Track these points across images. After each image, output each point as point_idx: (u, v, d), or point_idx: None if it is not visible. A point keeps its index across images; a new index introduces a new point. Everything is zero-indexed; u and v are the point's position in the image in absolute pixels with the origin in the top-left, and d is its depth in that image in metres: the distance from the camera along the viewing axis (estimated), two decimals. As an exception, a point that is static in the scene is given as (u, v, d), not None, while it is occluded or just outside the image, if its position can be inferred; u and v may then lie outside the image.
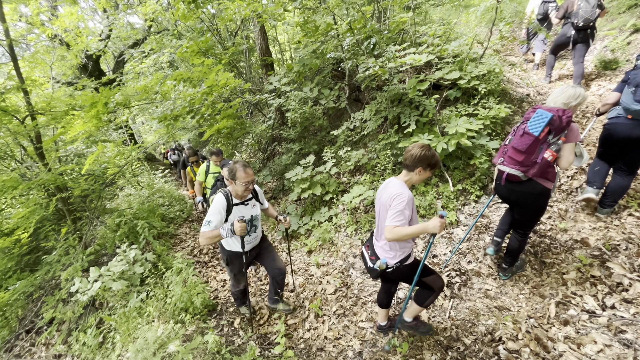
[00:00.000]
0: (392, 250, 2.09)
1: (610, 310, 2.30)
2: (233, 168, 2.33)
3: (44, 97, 4.85)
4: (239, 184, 2.34)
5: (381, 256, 2.12)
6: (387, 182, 2.10)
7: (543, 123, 2.16)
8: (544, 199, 2.41)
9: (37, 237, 4.86)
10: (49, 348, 3.48)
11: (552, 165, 2.28)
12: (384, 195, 2.04)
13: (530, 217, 2.53)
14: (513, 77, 5.19)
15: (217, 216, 2.31)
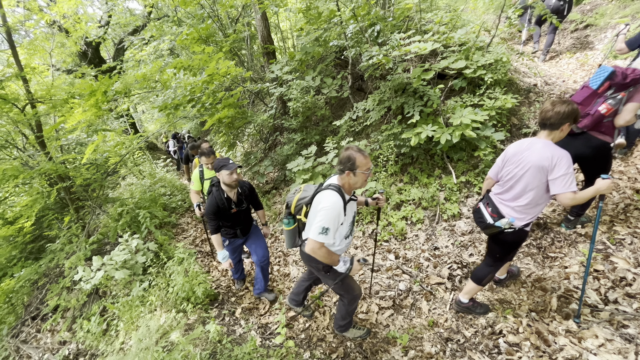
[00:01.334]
0: (523, 213, 2.03)
1: (613, 304, 2.28)
2: (349, 156, 1.85)
3: (44, 85, 4.80)
4: (359, 174, 1.87)
5: (508, 216, 2.06)
6: (530, 142, 2.00)
7: (603, 77, 2.25)
8: (602, 153, 2.45)
9: (41, 226, 4.90)
10: (54, 334, 3.54)
11: (608, 118, 2.33)
12: (532, 157, 1.92)
13: (594, 170, 2.53)
14: (520, 66, 5.06)
15: (335, 222, 1.85)
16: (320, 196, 1.93)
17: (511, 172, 2.06)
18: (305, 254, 2.18)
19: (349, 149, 1.89)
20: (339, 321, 2.55)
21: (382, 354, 2.45)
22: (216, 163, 2.62)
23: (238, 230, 2.92)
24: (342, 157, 1.90)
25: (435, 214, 3.75)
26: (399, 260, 3.43)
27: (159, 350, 2.26)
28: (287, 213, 2.22)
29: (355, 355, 2.49)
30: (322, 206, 1.85)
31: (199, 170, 3.68)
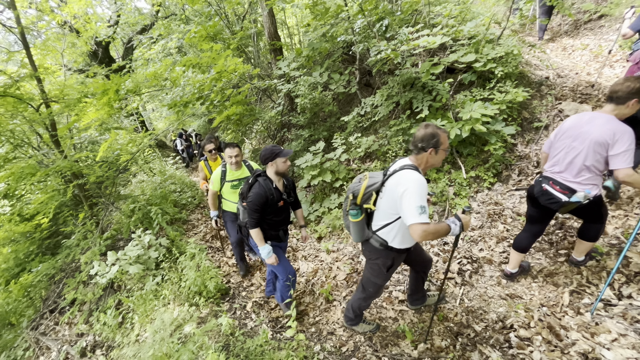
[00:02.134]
0: (591, 184, 2.06)
1: (627, 299, 2.26)
2: (434, 133, 1.78)
3: (57, 85, 4.90)
4: (441, 152, 1.83)
5: (580, 189, 2.07)
6: (591, 116, 2.01)
7: None
8: None
9: (57, 222, 5.04)
10: (71, 327, 3.65)
11: None
12: (593, 132, 1.94)
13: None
14: (532, 59, 4.97)
15: (425, 200, 1.72)
16: (400, 178, 1.79)
17: (568, 145, 2.08)
18: (370, 246, 2.09)
19: (430, 126, 1.82)
20: (350, 315, 2.57)
21: (391, 348, 2.47)
22: (267, 152, 2.35)
23: (281, 231, 2.62)
24: (423, 135, 1.80)
25: (444, 209, 3.73)
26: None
27: (173, 342, 2.32)
28: (353, 203, 2.04)
29: (365, 348, 2.52)
30: (409, 186, 1.71)
31: (221, 170, 3.17)
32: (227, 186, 3.21)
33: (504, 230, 3.24)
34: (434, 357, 2.31)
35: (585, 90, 4.30)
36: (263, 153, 2.37)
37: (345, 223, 2.22)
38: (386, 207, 1.93)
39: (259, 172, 2.48)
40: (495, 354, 2.20)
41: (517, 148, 3.88)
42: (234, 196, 3.26)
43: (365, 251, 2.20)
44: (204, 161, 3.99)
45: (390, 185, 1.85)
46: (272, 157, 2.35)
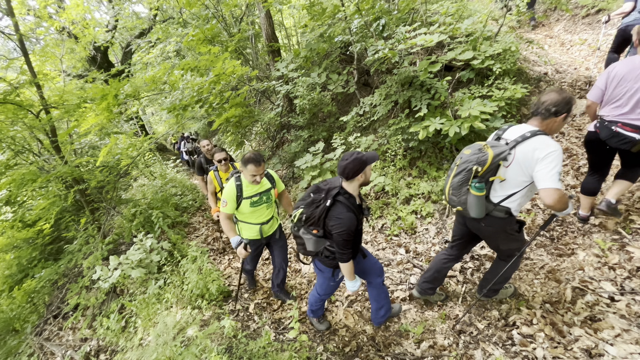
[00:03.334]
0: None
1: (630, 294, 2.25)
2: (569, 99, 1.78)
3: (56, 91, 4.93)
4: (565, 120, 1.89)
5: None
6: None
7: None
8: None
9: (58, 228, 5.06)
10: (75, 332, 3.66)
11: None
12: None
13: None
14: (530, 55, 4.96)
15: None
16: (537, 143, 1.74)
17: (631, 88, 2.23)
18: (491, 219, 1.97)
19: (564, 91, 1.79)
20: (497, 287, 2.40)
21: (394, 347, 2.47)
22: (352, 162, 1.85)
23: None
24: (559, 100, 1.75)
25: (445, 207, 3.73)
26: (409, 254, 3.43)
27: (177, 345, 2.32)
28: (477, 176, 1.89)
29: (368, 348, 2.52)
30: (551, 151, 1.68)
31: (236, 185, 2.47)
32: (245, 205, 2.51)
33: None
34: (437, 355, 2.31)
35: (584, 85, 4.29)
36: (349, 165, 1.85)
37: (457, 200, 2.02)
38: (516, 175, 1.86)
39: (332, 188, 1.96)
40: (498, 351, 2.19)
41: (517, 145, 3.87)
42: (256, 216, 2.62)
43: (482, 227, 2.07)
44: (214, 171, 3.59)
45: (524, 152, 1.79)
46: (361, 168, 1.87)
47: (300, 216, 2.04)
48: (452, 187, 2.02)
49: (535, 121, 1.86)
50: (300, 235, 2.09)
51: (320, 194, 1.98)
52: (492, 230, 2.07)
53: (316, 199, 1.98)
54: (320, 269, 2.26)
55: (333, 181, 2.06)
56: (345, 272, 2.06)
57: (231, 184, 2.51)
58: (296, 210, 2.10)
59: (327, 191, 1.96)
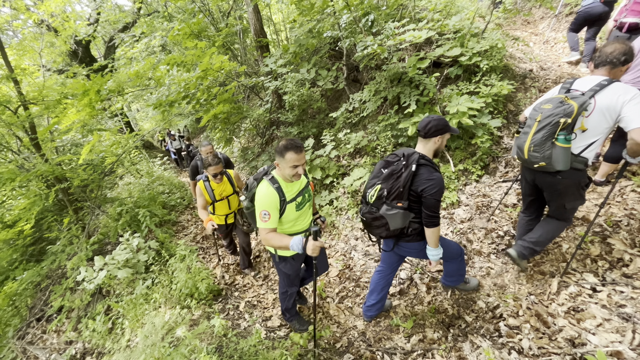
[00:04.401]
0: None
1: (611, 285, 2.33)
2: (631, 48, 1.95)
3: (35, 86, 4.74)
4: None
5: None
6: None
7: None
8: None
9: (40, 228, 4.89)
10: (60, 335, 3.57)
11: None
12: None
13: None
14: (516, 52, 5.04)
15: None
16: (618, 89, 1.84)
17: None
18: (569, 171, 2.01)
19: (626, 41, 1.92)
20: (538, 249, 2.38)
21: (385, 342, 2.50)
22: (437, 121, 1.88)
23: None
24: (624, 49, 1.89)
25: (434, 202, 3.76)
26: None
27: (165, 346, 2.28)
28: (564, 127, 1.91)
29: (359, 343, 2.53)
30: (633, 94, 1.78)
31: (275, 188, 1.95)
32: (290, 211, 2.05)
33: (492, 222, 3.30)
34: (426, 349, 2.34)
35: (567, 82, 4.38)
36: (433, 122, 1.86)
37: (540, 156, 2.01)
38: (597, 124, 1.90)
39: (410, 155, 1.89)
40: (485, 343, 2.24)
41: (504, 140, 3.94)
42: (301, 221, 2.17)
43: (559, 181, 2.10)
44: (204, 182, 3.17)
45: (607, 98, 1.84)
46: (444, 130, 1.89)
47: (380, 193, 1.93)
48: (534, 143, 2.02)
49: (603, 71, 1.96)
50: (382, 215, 1.94)
51: (397, 165, 1.91)
52: (567, 184, 2.10)
53: (394, 170, 1.90)
54: (409, 248, 2.16)
55: (402, 151, 1.98)
56: (434, 238, 1.98)
57: (267, 189, 1.95)
58: (370, 189, 2.01)
59: (406, 158, 1.89)
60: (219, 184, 3.20)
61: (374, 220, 2.01)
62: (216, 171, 3.04)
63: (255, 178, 2.14)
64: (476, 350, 2.21)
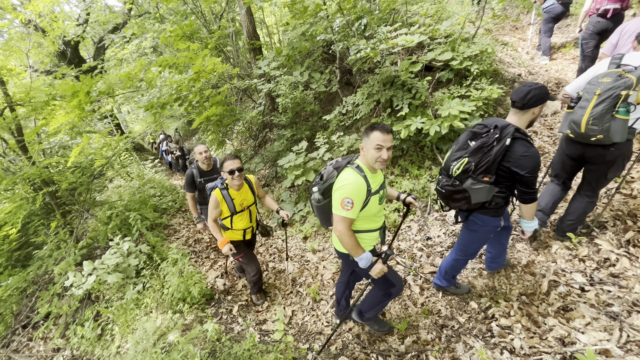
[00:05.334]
0: None
1: (598, 285, 2.38)
2: None
3: (22, 87, 4.64)
4: None
5: None
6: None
7: None
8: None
9: (27, 233, 4.77)
10: (47, 342, 3.47)
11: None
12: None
13: None
14: (505, 57, 5.15)
15: None
16: None
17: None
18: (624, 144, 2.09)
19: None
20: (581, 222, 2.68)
21: (379, 344, 2.50)
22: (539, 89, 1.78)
23: None
24: None
25: (426, 204, 3.81)
26: (392, 251, 3.47)
27: (157, 352, 2.25)
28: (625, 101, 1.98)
29: (354, 346, 2.53)
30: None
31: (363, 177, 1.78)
32: (373, 203, 1.86)
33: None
34: (420, 350, 2.36)
35: (554, 87, 4.50)
36: (535, 92, 1.76)
37: (598, 129, 2.05)
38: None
39: (504, 127, 1.80)
40: (478, 343, 2.26)
41: (494, 143, 4.01)
42: (379, 217, 2.02)
43: (609, 152, 2.16)
44: (221, 190, 2.61)
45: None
46: (544, 99, 1.79)
47: (467, 166, 1.85)
48: (594, 116, 2.04)
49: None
50: (465, 189, 1.89)
51: (487, 137, 1.81)
52: (616, 155, 2.17)
53: (485, 143, 1.80)
54: (481, 221, 2.10)
55: (493, 122, 1.87)
56: (531, 212, 1.96)
57: (355, 176, 1.76)
58: (455, 162, 1.92)
59: (499, 130, 1.78)
60: (239, 192, 2.68)
61: (455, 193, 1.95)
62: (237, 165, 2.51)
63: (335, 167, 1.90)
64: (469, 351, 2.23)
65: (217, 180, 2.73)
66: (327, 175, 1.93)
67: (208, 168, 3.43)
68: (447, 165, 2.01)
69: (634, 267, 2.40)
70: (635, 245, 2.53)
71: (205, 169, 3.42)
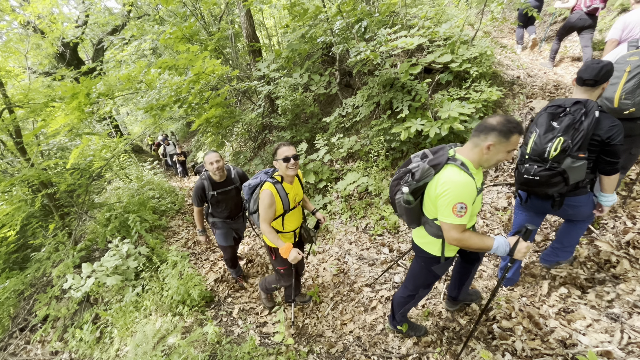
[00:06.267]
0: None
1: (599, 286, 2.38)
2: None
3: (21, 89, 4.62)
4: None
5: None
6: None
7: None
8: None
9: (25, 235, 4.75)
10: (44, 345, 3.44)
11: None
12: None
13: None
14: (504, 59, 5.17)
15: None
16: None
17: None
18: None
19: None
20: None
21: (380, 346, 2.49)
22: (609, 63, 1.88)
23: None
24: None
25: (426, 206, 3.81)
26: (393, 253, 3.47)
27: (157, 355, 2.23)
28: None
29: (355, 348, 2.52)
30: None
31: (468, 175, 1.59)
32: (478, 201, 1.81)
33: (484, 225, 3.35)
34: (421, 352, 2.35)
35: (553, 89, 4.52)
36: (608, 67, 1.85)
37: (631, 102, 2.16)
38: None
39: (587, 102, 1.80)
40: (479, 345, 2.26)
41: (493, 145, 4.02)
42: (475, 217, 1.97)
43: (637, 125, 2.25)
44: (275, 184, 2.23)
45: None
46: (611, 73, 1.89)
47: (565, 144, 1.79)
48: (626, 91, 2.17)
49: None
50: (564, 169, 1.83)
51: (574, 114, 1.79)
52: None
53: (573, 120, 1.78)
54: (578, 202, 2.05)
55: (568, 101, 1.88)
56: (613, 184, 1.95)
57: (464, 176, 1.58)
58: (549, 144, 1.84)
59: (584, 105, 1.78)
60: (293, 185, 2.35)
61: (553, 177, 1.87)
62: (292, 152, 2.20)
63: (433, 164, 1.65)
64: (471, 353, 2.23)
65: (260, 175, 2.37)
66: (423, 174, 1.69)
67: (221, 179, 2.94)
68: (540, 149, 1.90)
69: (634, 268, 2.40)
70: (635, 247, 2.54)
71: (218, 180, 2.93)
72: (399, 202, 1.87)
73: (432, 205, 1.72)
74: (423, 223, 1.88)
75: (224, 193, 2.98)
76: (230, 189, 3.01)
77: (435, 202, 1.67)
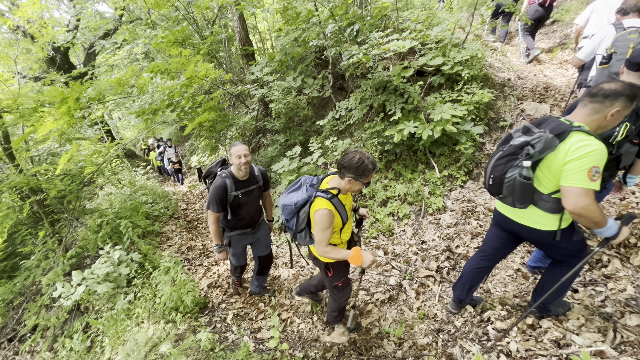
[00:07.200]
0: None
1: (591, 285, 2.40)
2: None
3: (10, 94, 4.55)
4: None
5: None
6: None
7: None
8: None
9: (13, 242, 4.64)
10: (34, 356, 3.36)
11: None
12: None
13: None
14: (494, 61, 5.23)
15: None
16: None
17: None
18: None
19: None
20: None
21: (376, 350, 2.48)
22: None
23: None
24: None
25: (420, 208, 3.82)
26: (388, 255, 3.47)
27: (149, 364, 2.19)
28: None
29: (350, 352, 2.50)
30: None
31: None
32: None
33: (478, 227, 3.36)
34: (417, 355, 2.34)
35: (542, 91, 4.58)
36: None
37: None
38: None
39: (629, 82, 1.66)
40: (475, 347, 2.26)
41: (486, 147, 4.06)
42: None
43: None
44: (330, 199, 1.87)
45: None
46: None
47: (629, 131, 1.79)
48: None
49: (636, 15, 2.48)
50: (621, 153, 1.87)
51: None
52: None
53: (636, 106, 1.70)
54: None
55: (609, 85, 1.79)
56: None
57: (595, 140, 1.53)
58: (618, 127, 1.78)
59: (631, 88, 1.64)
60: (347, 195, 2.06)
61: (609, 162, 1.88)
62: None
63: (557, 132, 1.57)
64: (466, 355, 2.22)
65: (304, 188, 1.97)
66: (546, 144, 1.58)
67: (245, 177, 2.54)
68: (608, 132, 1.84)
69: (625, 267, 2.43)
70: (625, 246, 2.57)
71: (242, 177, 2.52)
72: (511, 181, 1.71)
73: (552, 177, 1.62)
74: (535, 200, 1.75)
75: (248, 194, 2.57)
76: (254, 189, 2.61)
77: (559, 171, 1.57)
